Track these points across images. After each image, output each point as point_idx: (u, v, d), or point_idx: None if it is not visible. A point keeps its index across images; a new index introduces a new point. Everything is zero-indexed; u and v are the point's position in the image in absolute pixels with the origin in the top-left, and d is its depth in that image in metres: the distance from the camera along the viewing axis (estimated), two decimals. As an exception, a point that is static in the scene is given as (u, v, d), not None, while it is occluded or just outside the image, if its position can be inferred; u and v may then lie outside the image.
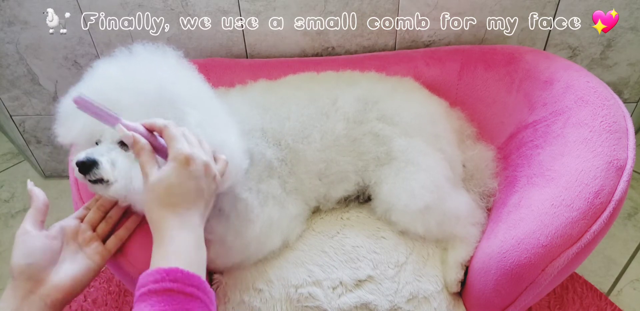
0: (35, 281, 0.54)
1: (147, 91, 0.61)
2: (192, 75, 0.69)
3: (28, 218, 0.58)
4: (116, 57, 0.65)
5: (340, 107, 0.79)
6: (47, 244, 0.57)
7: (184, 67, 0.68)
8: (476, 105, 0.94)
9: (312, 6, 1.00)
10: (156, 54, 0.66)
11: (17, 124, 1.27)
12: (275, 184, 0.75)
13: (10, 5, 1.03)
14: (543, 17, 1.03)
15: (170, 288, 0.46)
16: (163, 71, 0.64)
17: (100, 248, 0.61)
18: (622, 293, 1.01)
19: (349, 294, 0.70)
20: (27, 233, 0.56)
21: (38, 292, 0.54)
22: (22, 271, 0.54)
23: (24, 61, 1.13)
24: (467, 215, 0.75)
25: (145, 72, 0.63)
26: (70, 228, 0.61)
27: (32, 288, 0.53)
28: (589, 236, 0.59)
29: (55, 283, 0.55)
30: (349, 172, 0.79)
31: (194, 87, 0.67)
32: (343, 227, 0.79)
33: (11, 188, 1.38)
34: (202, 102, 0.65)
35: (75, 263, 0.58)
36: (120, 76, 0.62)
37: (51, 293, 0.54)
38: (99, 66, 0.65)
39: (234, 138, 0.65)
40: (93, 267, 0.59)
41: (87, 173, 0.58)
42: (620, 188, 0.61)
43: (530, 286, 0.62)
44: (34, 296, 0.53)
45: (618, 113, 0.69)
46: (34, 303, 0.53)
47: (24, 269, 0.54)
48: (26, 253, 0.55)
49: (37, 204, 0.59)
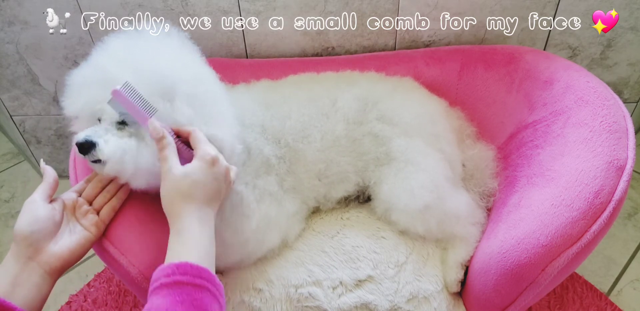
0: (36, 249, 0.56)
1: (145, 72, 0.62)
2: (194, 60, 0.70)
3: (38, 190, 0.61)
4: (125, 33, 0.67)
5: (340, 108, 0.79)
6: (50, 215, 0.59)
7: (187, 51, 0.70)
8: (476, 105, 0.94)
9: (312, 6, 1.00)
10: (162, 35, 0.68)
11: (17, 124, 1.27)
12: (272, 181, 0.75)
13: (10, 5, 1.03)
14: (543, 17, 1.03)
15: (180, 281, 0.49)
16: (164, 54, 0.65)
17: (96, 219, 0.64)
18: (622, 293, 1.01)
19: (349, 294, 0.70)
20: (34, 202, 0.59)
21: (37, 259, 0.56)
22: (25, 238, 0.56)
23: (24, 61, 1.13)
24: (467, 215, 0.75)
25: (148, 52, 0.65)
26: (70, 201, 0.64)
27: (32, 255, 0.56)
28: (589, 236, 0.59)
29: (54, 252, 0.57)
30: (349, 172, 0.79)
31: (193, 76, 0.67)
32: (343, 226, 0.79)
33: (11, 188, 1.38)
34: (198, 93, 0.65)
35: (74, 235, 0.61)
36: (123, 53, 0.64)
37: (50, 260, 0.57)
38: (107, 41, 0.67)
39: (226, 131, 0.66)
40: (89, 238, 0.62)
41: (86, 154, 0.61)
42: (620, 188, 0.61)
43: (530, 286, 0.62)
44: (34, 263, 0.56)
45: (618, 113, 0.69)
46: (33, 269, 0.55)
47: (26, 235, 0.56)
48: (31, 221, 0.57)
49: (48, 179, 0.62)
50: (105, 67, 0.62)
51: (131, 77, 0.60)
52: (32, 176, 1.42)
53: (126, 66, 0.62)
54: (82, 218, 0.64)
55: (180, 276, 0.49)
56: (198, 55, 0.71)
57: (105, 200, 0.67)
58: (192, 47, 0.71)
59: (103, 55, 0.65)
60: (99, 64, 0.63)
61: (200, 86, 0.65)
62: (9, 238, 1.21)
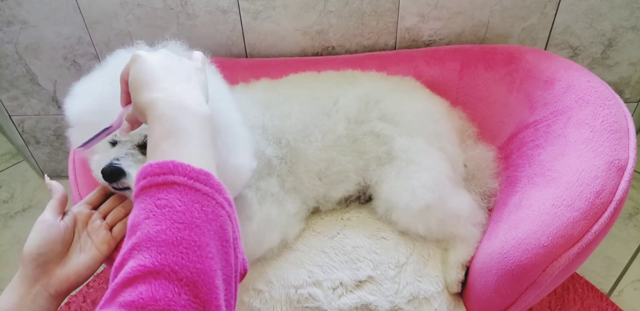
0: (43, 271, 0.55)
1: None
2: (213, 76, 0.68)
3: (48, 207, 0.60)
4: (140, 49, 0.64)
5: (342, 107, 0.79)
6: (60, 235, 0.58)
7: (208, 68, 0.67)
8: (477, 105, 0.94)
9: (312, 6, 0.99)
10: (181, 51, 0.65)
11: (16, 124, 1.27)
12: (274, 182, 0.75)
13: (9, 5, 1.03)
14: (543, 17, 1.03)
15: (174, 182, 0.39)
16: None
17: (108, 237, 0.62)
18: (623, 293, 1.01)
19: (349, 295, 0.70)
20: (44, 222, 0.58)
21: (44, 282, 0.55)
22: (33, 260, 0.55)
23: (23, 61, 1.13)
24: (468, 215, 0.75)
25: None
26: (82, 215, 0.63)
27: (38, 277, 0.55)
28: (590, 237, 0.59)
29: (60, 275, 0.56)
30: (350, 171, 0.79)
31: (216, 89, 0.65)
32: (343, 227, 0.79)
33: (10, 189, 1.38)
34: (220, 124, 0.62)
35: (83, 254, 0.59)
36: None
37: (55, 283, 0.55)
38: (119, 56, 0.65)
39: (245, 141, 0.65)
40: (99, 257, 0.60)
41: (114, 182, 0.59)
42: (621, 188, 0.61)
43: (531, 286, 0.62)
44: (40, 285, 0.55)
45: (619, 113, 0.69)
46: (39, 292, 0.54)
47: (34, 258, 0.55)
48: (40, 243, 0.56)
49: (57, 195, 0.61)
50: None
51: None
52: (31, 176, 1.42)
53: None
54: (94, 233, 0.62)
55: (179, 176, 0.39)
56: (217, 73, 0.68)
57: (120, 215, 0.65)
58: (210, 64, 0.68)
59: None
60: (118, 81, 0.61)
61: (220, 115, 0.61)
62: (8, 239, 1.20)
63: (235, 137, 0.63)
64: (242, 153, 0.63)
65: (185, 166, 0.40)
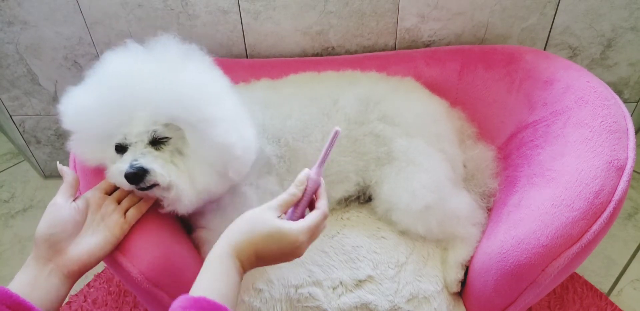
0: (55, 251, 0.57)
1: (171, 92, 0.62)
2: (215, 72, 0.69)
3: (60, 191, 0.61)
4: (130, 50, 0.66)
5: (342, 108, 0.79)
6: (72, 216, 0.59)
7: (208, 65, 0.69)
8: (476, 105, 0.94)
9: (312, 6, 1.00)
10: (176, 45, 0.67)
11: (17, 124, 1.27)
12: (273, 181, 0.75)
13: (10, 5, 1.03)
14: (543, 17, 1.03)
15: None
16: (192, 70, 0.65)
17: (122, 220, 0.64)
18: (622, 293, 1.01)
19: (349, 294, 0.70)
20: (55, 205, 0.59)
21: (57, 262, 0.56)
22: (45, 240, 0.56)
23: (23, 61, 1.13)
24: (467, 215, 0.75)
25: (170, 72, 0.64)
26: (95, 199, 0.64)
27: (51, 257, 0.56)
28: (589, 236, 0.59)
29: (72, 255, 0.57)
30: (350, 172, 0.79)
31: (218, 85, 0.68)
32: (343, 227, 0.79)
33: (11, 189, 1.38)
34: (225, 99, 0.66)
35: (95, 236, 0.60)
36: (144, 73, 0.63)
37: (68, 263, 0.57)
38: (114, 58, 0.65)
39: (251, 131, 0.67)
40: (111, 240, 0.61)
41: (140, 182, 0.60)
42: (620, 188, 0.61)
43: (530, 286, 0.62)
44: (53, 265, 0.56)
45: (618, 113, 0.69)
46: (52, 272, 0.56)
47: (46, 238, 0.56)
48: (51, 224, 0.58)
49: (68, 179, 0.62)
50: (128, 88, 0.61)
51: (158, 99, 0.60)
52: (32, 176, 1.42)
53: (150, 88, 0.61)
54: (108, 216, 0.63)
55: None
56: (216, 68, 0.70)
57: (134, 200, 0.67)
58: (210, 61, 0.69)
59: (119, 74, 0.63)
60: (119, 85, 0.62)
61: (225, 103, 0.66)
62: (9, 239, 1.20)
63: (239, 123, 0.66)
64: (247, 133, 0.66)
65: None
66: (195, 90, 0.63)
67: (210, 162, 0.64)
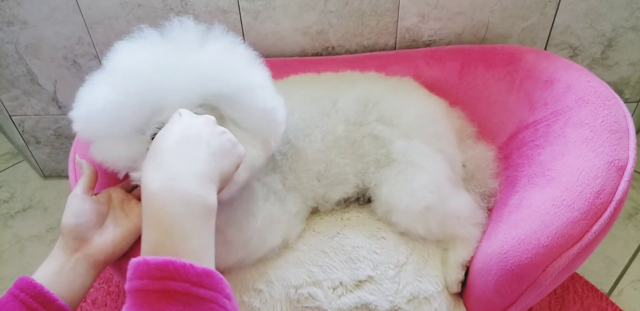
0: (81, 241, 0.58)
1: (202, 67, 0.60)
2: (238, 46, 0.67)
3: (79, 184, 0.62)
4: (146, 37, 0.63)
5: (341, 108, 0.79)
6: (94, 207, 0.60)
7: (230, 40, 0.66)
8: (477, 105, 0.94)
9: (312, 6, 1.00)
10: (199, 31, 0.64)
11: (16, 124, 1.27)
12: (277, 179, 0.75)
13: (9, 5, 1.03)
14: (543, 17, 1.03)
15: (176, 290, 0.37)
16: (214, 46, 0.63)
17: None
18: (623, 293, 1.01)
19: (349, 294, 0.70)
20: (76, 196, 0.60)
21: (83, 251, 0.57)
22: (71, 230, 0.57)
23: (23, 61, 1.13)
24: (467, 216, 0.75)
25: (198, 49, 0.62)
26: (117, 194, 0.65)
27: (78, 247, 0.57)
28: (590, 237, 0.59)
29: (98, 245, 0.58)
30: (349, 173, 0.79)
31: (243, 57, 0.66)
32: (343, 227, 0.79)
33: (10, 189, 1.38)
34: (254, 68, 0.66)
35: (119, 227, 0.61)
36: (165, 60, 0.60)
37: (94, 253, 0.58)
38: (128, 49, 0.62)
39: (281, 99, 0.67)
40: (134, 231, 0.62)
41: None
42: (621, 188, 0.61)
43: (531, 286, 0.62)
44: (79, 255, 0.57)
45: (619, 113, 0.69)
46: (78, 261, 0.57)
47: (72, 228, 0.57)
48: (75, 214, 0.58)
49: (87, 172, 0.63)
50: (152, 74, 0.59)
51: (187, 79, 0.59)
52: (31, 176, 1.42)
53: (176, 70, 0.59)
54: (130, 210, 0.63)
55: (181, 282, 0.37)
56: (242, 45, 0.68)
57: None
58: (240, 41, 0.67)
59: (138, 62, 0.60)
60: (142, 73, 0.59)
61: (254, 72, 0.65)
62: (8, 239, 1.20)
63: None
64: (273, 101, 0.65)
65: (187, 267, 0.37)
66: (222, 64, 0.62)
67: (254, 131, 0.63)
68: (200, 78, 0.60)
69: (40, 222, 1.24)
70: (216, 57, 0.62)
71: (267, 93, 0.64)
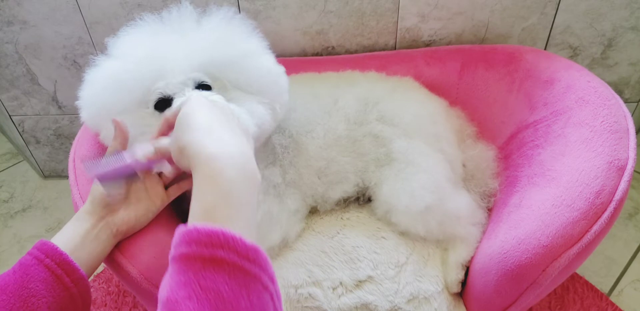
0: (110, 211, 0.60)
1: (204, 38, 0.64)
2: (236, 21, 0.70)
3: (112, 144, 0.62)
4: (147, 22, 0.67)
5: (342, 108, 0.79)
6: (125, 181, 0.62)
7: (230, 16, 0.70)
8: (477, 105, 0.94)
9: (312, 6, 1.00)
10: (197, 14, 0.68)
11: (16, 124, 1.27)
12: (277, 172, 0.75)
13: (9, 5, 1.03)
14: (543, 17, 1.03)
15: (223, 259, 0.35)
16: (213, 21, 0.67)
17: (163, 193, 0.65)
18: (623, 293, 1.01)
19: (349, 294, 0.70)
20: None
21: (108, 220, 0.59)
22: (102, 199, 0.59)
23: (23, 61, 1.13)
24: (467, 215, 0.75)
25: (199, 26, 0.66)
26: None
27: (104, 215, 0.59)
28: (590, 237, 0.59)
29: (123, 216, 0.60)
30: (349, 172, 0.79)
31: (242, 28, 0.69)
32: (343, 227, 0.79)
33: (10, 189, 1.38)
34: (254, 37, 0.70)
35: (140, 204, 0.63)
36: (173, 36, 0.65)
37: (118, 222, 0.60)
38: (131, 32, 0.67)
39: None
40: (153, 209, 0.64)
41: None
42: (621, 188, 0.61)
43: (531, 286, 0.62)
44: (104, 223, 0.59)
45: (619, 113, 0.69)
46: (103, 228, 0.59)
47: (104, 197, 0.59)
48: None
49: (119, 133, 0.62)
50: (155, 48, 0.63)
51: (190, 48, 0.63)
52: (31, 176, 1.42)
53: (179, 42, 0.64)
54: (152, 188, 0.64)
55: (229, 252, 0.36)
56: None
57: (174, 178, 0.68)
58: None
59: (142, 41, 0.65)
60: (145, 48, 0.63)
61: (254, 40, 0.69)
62: (8, 239, 1.20)
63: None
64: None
65: (236, 239, 0.36)
66: (222, 34, 0.65)
67: (259, 94, 0.66)
68: (201, 48, 0.64)
69: (40, 222, 1.24)
70: (217, 28, 0.66)
71: (270, 59, 0.69)
